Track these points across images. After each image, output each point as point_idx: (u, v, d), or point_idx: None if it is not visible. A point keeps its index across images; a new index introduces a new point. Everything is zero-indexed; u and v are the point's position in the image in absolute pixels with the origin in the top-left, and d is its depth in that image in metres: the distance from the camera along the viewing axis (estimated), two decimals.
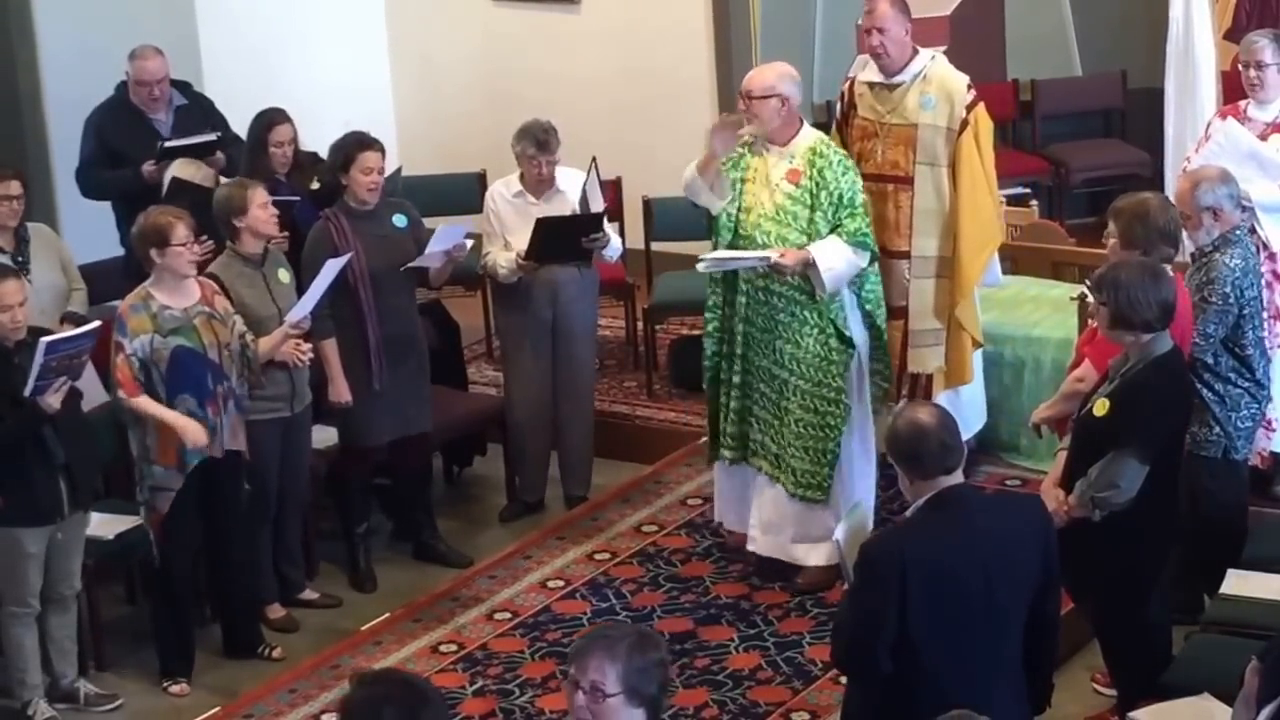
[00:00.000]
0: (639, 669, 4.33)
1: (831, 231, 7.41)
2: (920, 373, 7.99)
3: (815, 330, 7.46)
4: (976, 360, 8.12)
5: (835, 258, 7.37)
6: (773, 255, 7.33)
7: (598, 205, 8.31)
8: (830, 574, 7.52)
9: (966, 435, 7.37)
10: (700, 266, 7.52)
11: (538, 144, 8.29)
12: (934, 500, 5.11)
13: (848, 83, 8.00)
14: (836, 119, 8.05)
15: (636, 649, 4.35)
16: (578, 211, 8.29)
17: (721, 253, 7.48)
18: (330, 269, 7.55)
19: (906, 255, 7.87)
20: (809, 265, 7.34)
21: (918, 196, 7.82)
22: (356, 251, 7.80)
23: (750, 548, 7.75)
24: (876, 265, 7.60)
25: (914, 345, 7.94)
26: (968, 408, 8.05)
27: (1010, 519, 5.23)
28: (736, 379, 7.60)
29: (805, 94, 8.85)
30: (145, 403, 7.16)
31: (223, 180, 8.22)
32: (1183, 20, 9.67)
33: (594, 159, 8.22)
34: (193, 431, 7.13)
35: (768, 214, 7.44)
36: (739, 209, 7.51)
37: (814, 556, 7.61)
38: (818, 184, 7.41)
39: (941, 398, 7.87)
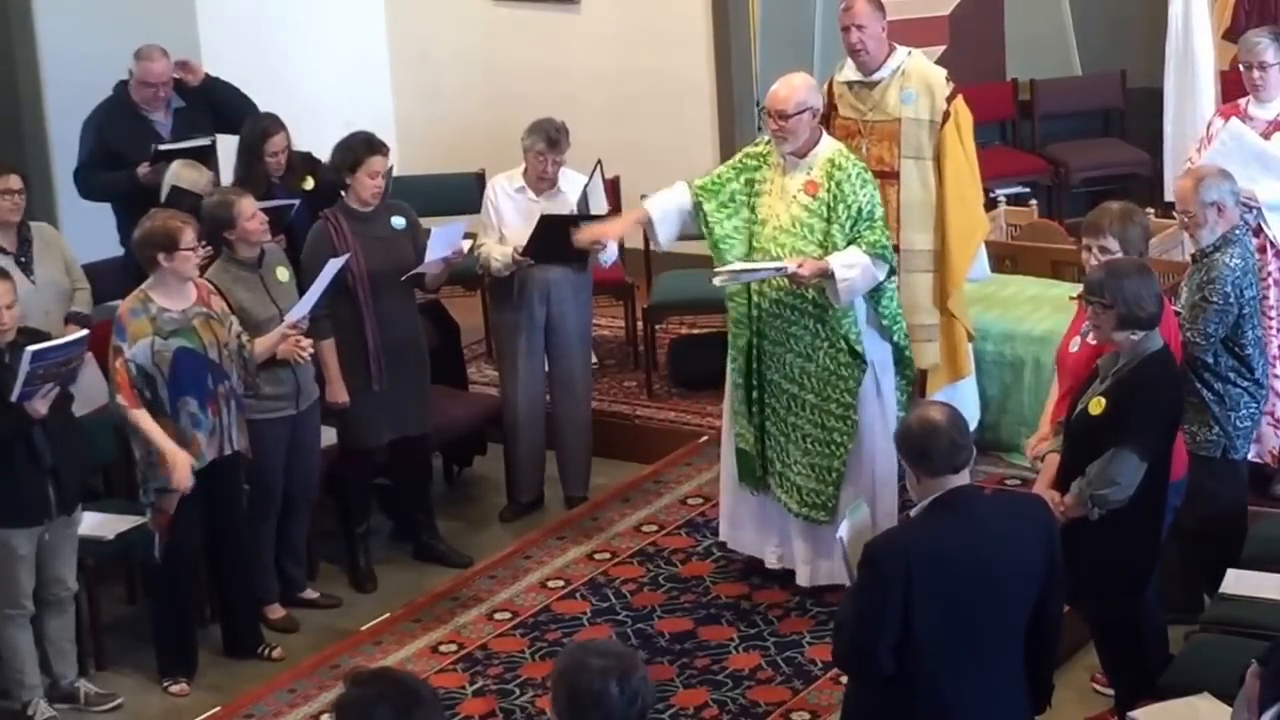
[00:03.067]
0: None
1: (849, 245, 7.27)
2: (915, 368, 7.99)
3: (826, 344, 7.34)
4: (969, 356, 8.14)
5: (853, 269, 7.23)
6: (790, 265, 7.19)
7: (600, 208, 8.31)
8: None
9: None
10: (716, 281, 7.35)
11: (549, 141, 8.30)
12: (940, 500, 5.09)
13: (826, 85, 8.02)
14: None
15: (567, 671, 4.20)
16: (575, 213, 8.30)
17: (735, 265, 7.34)
18: (331, 268, 7.55)
19: (896, 250, 7.87)
20: (826, 276, 7.23)
21: (904, 190, 7.83)
22: (355, 253, 7.81)
23: (777, 566, 7.67)
24: (895, 279, 7.51)
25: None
26: (964, 405, 8.05)
27: (1015, 519, 5.21)
28: (755, 394, 7.48)
29: None
30: (142, 418, 7.15)
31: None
32: (1182, 20, 9.69)
33: (599, 161, 8.23)
34: (179, 468, 7.12)
35: (784, 226, 7.34)
36: (754, 221, 7.43)
37: (818, 576, 7.53)
38: (835, 197, 7.30)
39: (941, 394, 7.88)
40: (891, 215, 7.81)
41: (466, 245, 8.22)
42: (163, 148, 8.62)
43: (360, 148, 7.93)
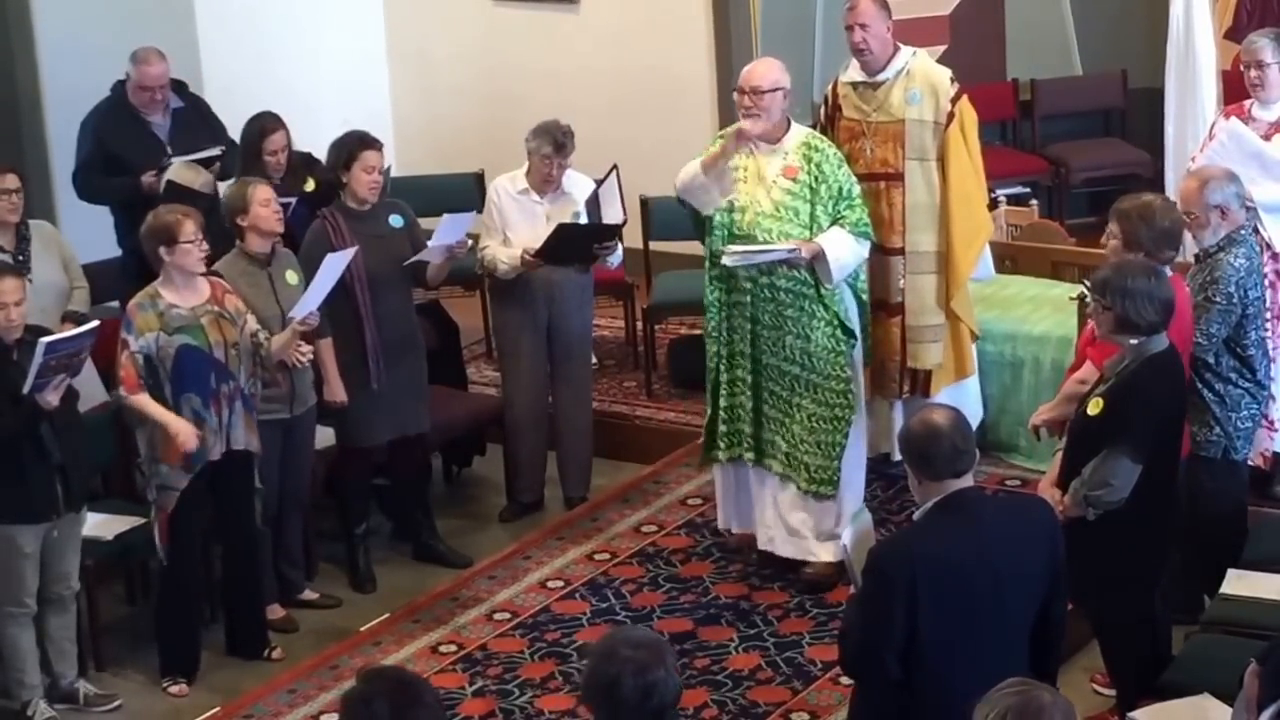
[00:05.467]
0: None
1: (832, 224, 7.43)
2: (919, 369, 7.98)
3: (823, 323, 7.46)
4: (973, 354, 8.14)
5: (842, 249, 7.41)
6: (801, 249, 7.32)
7: (615, 216, 8.28)
8: (835, 569, 7.52)
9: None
10: (727, 261, 7.42)
11: (555, 145, 8.30)
12: (943, 503, 5.10)
13: (830, 85, 8.01)
14: (821, 122, 8.05)
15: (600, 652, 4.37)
16: (580, 213, 8.29)
17: (745, 246, 7.41)
18: (330, 263, 7.53)
19: (901, 251, 7.87)
20: (818, 258, 7.36)
21: (909, 192, 7.83)
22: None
23: (767, 548, 7.73)
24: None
25: (913, 341, 7.94)
26: (966, 405, 8.05)
27: (1018, 522, 5.22)
28: (748, 377, 7.58)
29: (805, 92, 8.85)
30: (143, 400, 7.17)
31: (221, 185, 8.22)
32: (1183, 19, 9.67)
33: (615, 166, 8.22)
34: (184, 434, 7.12)
35: (766, 211, 7.43)
36: (730, 208, 7.49)
37: (824, 553, 7.60)
38: (817, 178, 7.42)
39: (944, 393, 7.88)
40: (897, 218, 7.83)
41: (469, 243, 8.21)
42: (174, 159, 8.59)
43: (353, 144, 7.93)
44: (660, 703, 4.26)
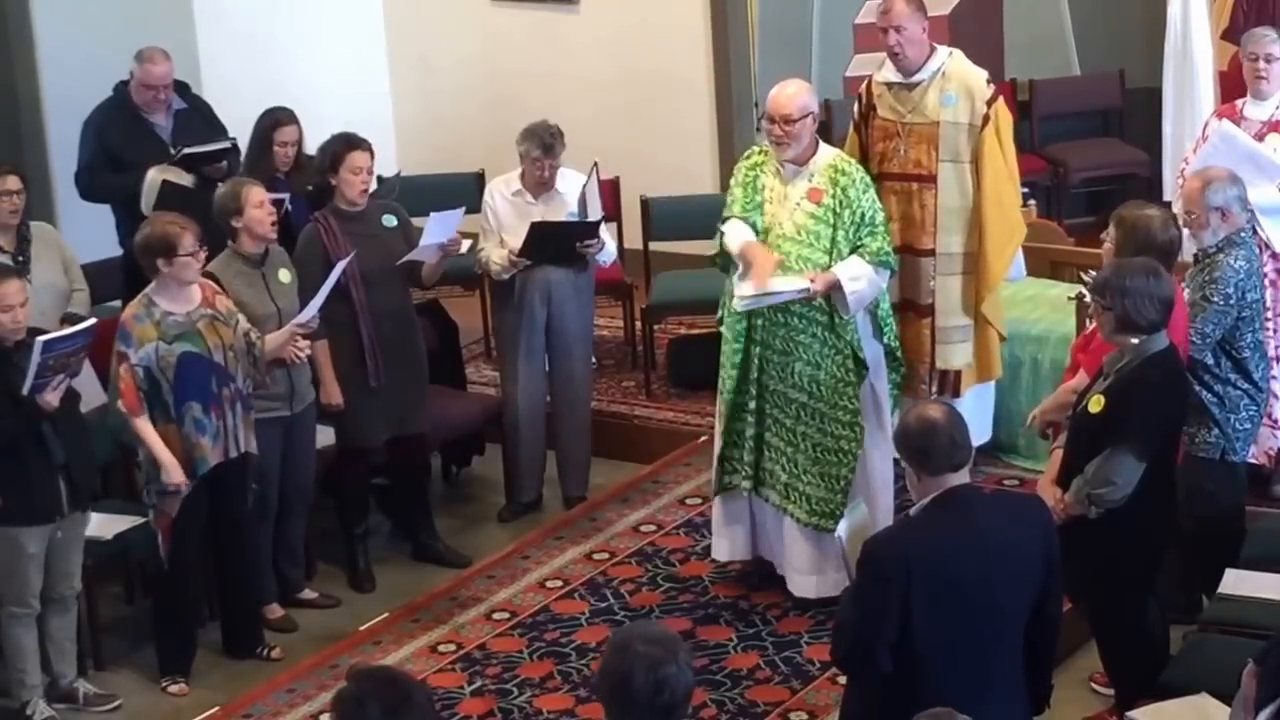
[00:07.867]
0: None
1: (852, 251, 7.27)
2: (948, 369, 7.96)
3: (834, 353, 7.31)
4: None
5: (860, 279, 7.23)
6: (812, 286, 7.13)
7: (595, 213, 8.31)
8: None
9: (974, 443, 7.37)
10: (738, 306, 7.26)
11: (543, 147, 8.30)
12: (940, 499, 5.10)
13: (865, 83, 7.95)
14: (854, 120, 7.95)
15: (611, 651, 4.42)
16: (574, 214, 8.31)
17: (754, 290, 7.20)
18: (338, 268, 7.56)
19: (932, 253, 7.84)
20: (835, 287, 7.21)
21: (942, 194, 7.76)
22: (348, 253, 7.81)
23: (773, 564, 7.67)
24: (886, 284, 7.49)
25: (941, 342, 7.90)
26: (979, 415, 8.03)
27: (1014, 519, 5.23)
28: (751, 404, 7.43)
29: None
30: (143, 427, 7.15)
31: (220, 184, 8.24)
32: (1180, 20, 9.70)
33: (595, 164, 8.21)
34: (173, 475, 7.12)
35: (788, 234, 7.28)
36: (756, 230, 7.36)
37: (824, 588, 7.44)
38: (841, 202, 7.25)
39: (969, 395, 7.87)
40: (929, 219, 7.77)
41: (465, 245, 8.22)
42: (188, 151, 8.60)
43: (339, 146, 7.95)
44: (671, 699, 4.29)
